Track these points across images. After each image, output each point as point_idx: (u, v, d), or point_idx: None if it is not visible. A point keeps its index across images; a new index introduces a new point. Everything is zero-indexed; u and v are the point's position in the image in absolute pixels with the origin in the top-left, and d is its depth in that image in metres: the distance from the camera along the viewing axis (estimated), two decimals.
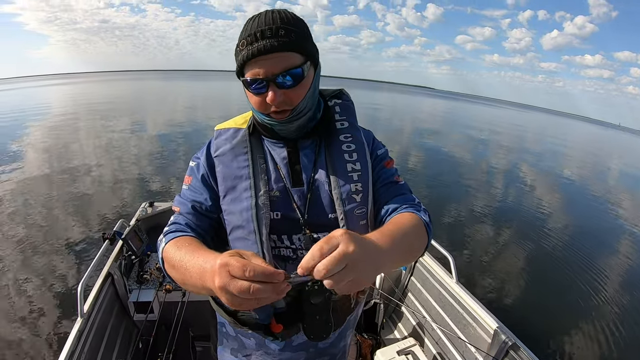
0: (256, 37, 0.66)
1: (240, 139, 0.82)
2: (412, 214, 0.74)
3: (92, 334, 1.59)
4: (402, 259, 0.72)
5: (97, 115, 17.40)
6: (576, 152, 22.30)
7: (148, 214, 2.51)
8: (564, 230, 6.44)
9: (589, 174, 13.83)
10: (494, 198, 7.74)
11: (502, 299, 3.94)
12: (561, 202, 8.44)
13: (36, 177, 7.00)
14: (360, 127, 0.87)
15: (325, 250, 0.48)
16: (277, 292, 0.49)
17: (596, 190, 10.55)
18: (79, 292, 1.55)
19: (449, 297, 1.98)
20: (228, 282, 0.48)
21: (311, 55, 0.72)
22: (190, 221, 0.77)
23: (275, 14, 0.69)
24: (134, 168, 7.70)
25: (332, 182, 0.79)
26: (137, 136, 11.52)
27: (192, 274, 0.60)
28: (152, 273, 2.06)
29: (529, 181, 10.08)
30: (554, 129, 47.32)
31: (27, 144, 10.17)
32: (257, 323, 0.82)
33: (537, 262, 4.98)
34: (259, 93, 0.71)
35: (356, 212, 0.78)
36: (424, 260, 2.23)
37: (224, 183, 0.80)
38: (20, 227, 4.79)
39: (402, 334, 2.27)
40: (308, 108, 0.76)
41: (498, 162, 12.52)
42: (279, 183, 0.79)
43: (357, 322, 1.02)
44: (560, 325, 3.62)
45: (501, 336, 1.58)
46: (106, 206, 5.55)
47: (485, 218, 6.42)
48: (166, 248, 0.70)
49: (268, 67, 0.67)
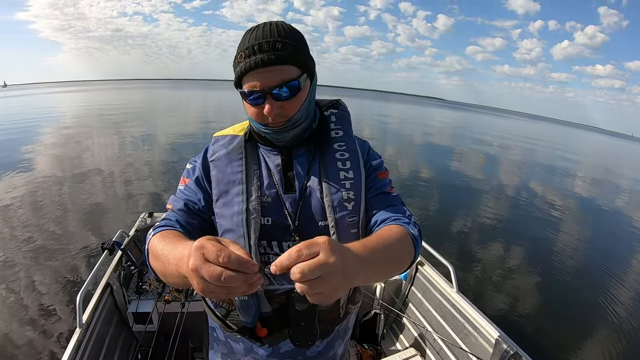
0: (254, 50, 0.68)
1: (236, 145, 0.84)
2: (400, 227, 0.73)
3: (90, 345, 1.58)
4: (382, 273, 0.70)
5: (107, 122, 17.55)
6: (588, 163, 21.86)
7: (147, 224, 2.51)
8: (567, 240, 6.40)
9: (600, 185, 13.41)
10: (497, 208, 7.69)
11: (503, 308, 3.89)
12: (565, 211, 8.37)
13: (40, 184, 7.02)
14: (355, 137, 0.88)
15: (304, 255, 0.47)
16: (248, 283, 0.47)
17: (606, 200, 10.39)
18: (77, 303, 1.55)
19: (450, 306, 1.97)
20: (201, 265, 0.46)
21: (307, 67, 0.73)
22: (180, 218, 0.78)
23: (273, 27, 0.70)
24: (138, 177, 7.68)
25: (324, 189, 0.79)
26: (144, 145, 11.47)
27: (170, 262, 0.59)
28: (151, 284, 2.06)
29: (534, 192, 9.97)
30: (565, 139, 46.91)
31: (35, 150, 10.24)
32: (243, 326, 0.83)
33: (538, 271, 4.94)
34: (256, 104, 0.72)
35: (347, 220, 0.78)
36: (424, 270, 2.22)
37: (217, 187, 0.81)
38: (21, 235, 4.77)
39: (403, 344, 2.26)
40: (303, 119, 0.77)
41: (505, 173, 12.39)
42: (271, 189, 0.80)
43: (351, 333, 1.02)
44: (561, 334, 3.57)
45: (502, 345, 1.57)
46: (106, 215, 5.55)
47: (487, 228, 6.38)
48: (151, 240, 0.70)
49: (265, 79, 0.69)
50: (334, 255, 0.47)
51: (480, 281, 4.44)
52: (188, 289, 2.03)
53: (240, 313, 0.82)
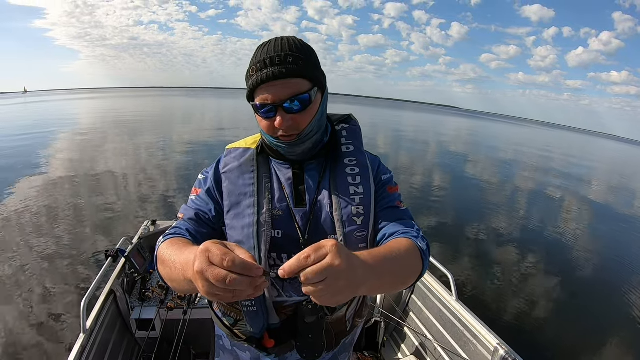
0: (265, 64, 0.70)
1: (248, 158, 0.85)
2: (408, 240, 0.73)
3: (94, 351, 1.59)
4: (389, 285, 0.70)
5: (122, 129, 17.76)
6: (605, 171, 21.55)
7: (151, 232, 2.53)
8: (567, 247, 6.41)
9: (614, 193, 13.13)
10: (498, 216, 7.68)
11: (502, 316, 3.90)
12: (566, 216, 8.37)
13: (52, 188, 7.09)
14: (366, 152, 0.88)
15: (312, 260, 0.48)
16: (253, 287, 0.48)
17: (616, 208, 10.30)
18: (82, 308, 1.57)
19: (450, 314, 1.99)
20: (206, 268, 0.47)
21: (318, 81, 0.75)
22: (190, 227, 0.79)
23: (285, 42, 0.72)
24: (149, 185, 7.69)
25: (334, 204, 0.80)
26: (157, 152, 11.51)
27: (177, 268, 0.60)
28: (154, 291, 2.07)
29: (537, 200, 9.89)
30: (581, 147, 46.40)
31: (51, 154, 10.44)
32: (251, 336, 0.84)
33: (537, 278, 4.94)
34: (268, 117, 0.74)
35: (356, 234, 0.79)
36: (424, 278, 2.24)
37: (229, 199, 0.82)
38: (29, 239, 4.79)
39: (403, 352, 2.27)
40: (315, 132, 0.78)
41: (511, 182, 12.16)
42: (282, 202, 0.81)
43: (354, 343, 1.03)
44: (560, 341, 3.57)
45: (501, 353, 1.58)
46: (115, 222, 5.56)
47: (488, 236, 6.38)
48: (160, 247, 0.71)
49: (276, 92, 0.70)
50: (340, 258, 0.49)
51: (479, 289, 4.44)
52: (191, 296, 2.05)
53: (248, 323, 0.82)
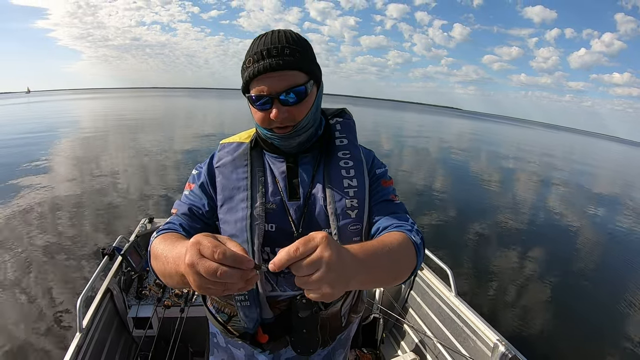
0: (262, 55, 0.69)
1: (241, 152, 0.85)
2: (402, 233, 0.71)
3: (90, 349, 1.58)
4: (381, 278, 0.68)
5: (123, 129, 17.78)
6: (609, 172, 21.26)
7: (147, 230, 2.52)
8: (568, 245, 6.43)
9: (615, 197, 12.62)
10: (497, 213, 7.69)
11: (502, 312, 3.90)
12: (567, 217, 8.34)
13: (52, 186, 7.08)
14: (360, 146, 0.88)
15: (301, 252, 0.47)
16: (244, 280, 0.47)
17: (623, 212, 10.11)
18: (77, 307, 1.56)
19: (449, 310, 1.98)
20: (197, 261, 0.46)
21: (314, 74, 0.74)
22: (184, 222, 0.79)
23: (282, 34, 0.72)
24: (148, 183, 7.69)
25: (328, 197, 0.79)
26: (157, 151, 11.48)
27: (169, 262, 0.60)
28: (151, 289, 2.06)
29: (536, 200, 9.86)
30: (583, 149, 46.27)
31: (53, 153, 10.44)
32: (245, 332, 0.83)
33: (537, 275, 4.94)
34: (263, 109, 0.73)
35: (350, 228, 0.78)
36: (423, 274, 2.23)
37: (222, 193, 0.81)
38: (22, 239, 4.77)
39: (402, 348, 2.26)
40: (310, 125, 0.78)
41: (510, 182, 12.11)
42: (276, 196, 0.81)
43: (351, 341, 1.02)
44: (559, 337, 3.57)
45: (501, 349, 1.57)
46: (112, 220, 5.55)
47: (487, 233, 6.39)
48: (153, 242, 0.70)
49: (272, 84, 0.70)
50: (330, 250, 0.48)
51: (478, 285, 4.44)
52: (187, 293, 2.04)
53: (242, 319, 0.81)
